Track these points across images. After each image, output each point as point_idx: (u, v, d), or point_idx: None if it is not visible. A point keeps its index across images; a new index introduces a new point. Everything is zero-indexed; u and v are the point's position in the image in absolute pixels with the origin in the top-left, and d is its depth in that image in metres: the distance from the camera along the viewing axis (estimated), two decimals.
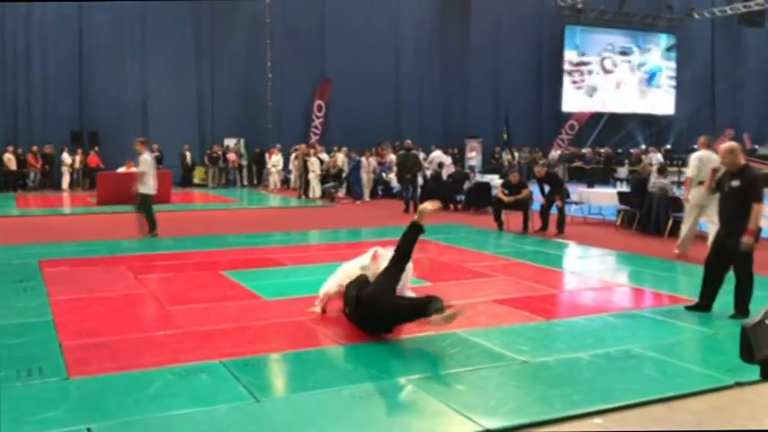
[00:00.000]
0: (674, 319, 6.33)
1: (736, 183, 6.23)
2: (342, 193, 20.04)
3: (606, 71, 32.59)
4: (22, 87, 22.88)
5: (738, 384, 4.57)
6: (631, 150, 28.66)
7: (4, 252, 9.91)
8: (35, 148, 22.10)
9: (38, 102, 23.06)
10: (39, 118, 23.05)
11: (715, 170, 6.70)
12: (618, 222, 13.37)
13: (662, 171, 13.26)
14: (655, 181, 12.61)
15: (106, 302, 6.84)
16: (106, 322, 6.11)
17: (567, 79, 31.69)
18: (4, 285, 7.63)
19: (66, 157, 22.42)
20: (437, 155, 20.20)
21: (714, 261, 6.46)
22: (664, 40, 33.78)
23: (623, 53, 32.88)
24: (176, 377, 4.69)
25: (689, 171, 10.11)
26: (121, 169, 18.95)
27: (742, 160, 6.32)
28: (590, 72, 32.25)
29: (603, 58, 32.50)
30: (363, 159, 19.65)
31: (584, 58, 32.09)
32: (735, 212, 6.21)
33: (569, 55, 31.69)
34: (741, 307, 6.25)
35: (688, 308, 6.57)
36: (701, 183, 9.20)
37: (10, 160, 21.82)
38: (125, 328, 5.93)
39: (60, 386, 4.53)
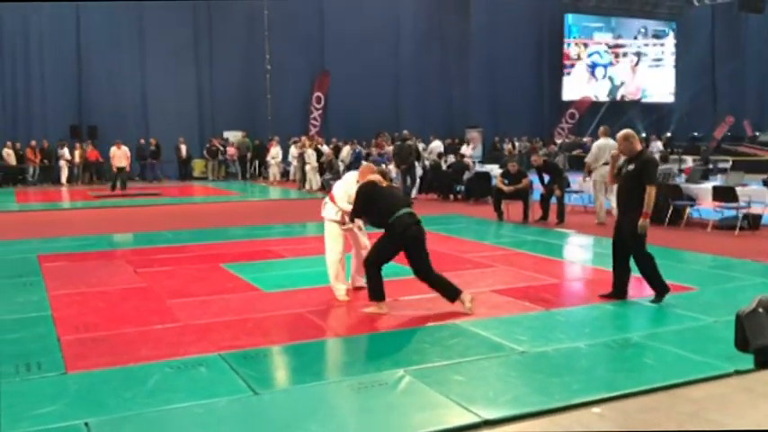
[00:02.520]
0: (673, 307, 6.32)
1: (630, 167, 6.42)
2: None
3: (606, 58, 32.47)
4: (20, 82, 22.85)
5: (738, 372, 4.55)
6: None
7: (3, 247, 9.91)
8: (33, 142, 22.07)
9: (37, 97, 23.04)
10: (38, 113, 23.04)
11: (615, 156, 6.84)
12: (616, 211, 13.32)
13: (665, 159, 13.18)
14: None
15: (105, 297, 6.84)
16: (105, 317, 6.10)
17: (567, 67, 31.57)
18: (3, 280, 7.64)
19: (64, 151, 22.38)
20: (436, 145, 20.15)
21: (617, 247, 6.57)
22: (663, 26, 33.63)
23: (623, 40, 32.73)
24: (175, 371, 4.69)
25: (588, 157, 12.55)
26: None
27: (638, 146, 6.47)
28: (590, 60, 32.13)
29: (603, 46, 32.38)
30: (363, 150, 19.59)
31: (584, 46, 31.96)
32: (629, 196, 6.36)
33: (569, 43, 31.56)
34: (654, 287, 6.39)
35: (602, 296, 6.63)
36: (605, 164, 10.90)
37: (9, 155, 21.81)
38: (124, 322, 5.92)
39: (58, 381, 4.53)
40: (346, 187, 6.56)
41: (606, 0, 30.92)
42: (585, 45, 31.98)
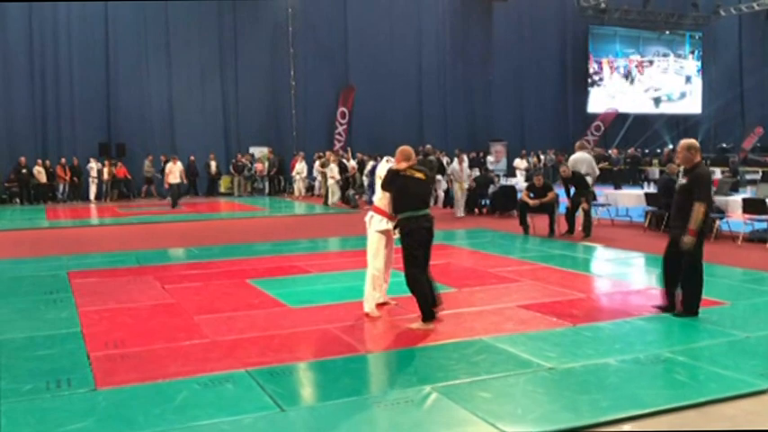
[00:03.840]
0: (704, 322, 6.22)
1: (684, 180, 6.36)
2: (366, 198, 20.04)
3: (631, 71, 32.24)
4: (50, 102, 23.27)
5: None
6: (659, 150, 28.36)
7: (34, 264, 10.06)
8: (63, 160, 22.45)
9: (66, 116, 23.43)
10: (67, 131, 23.43)
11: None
12: (646, 224, 13.20)
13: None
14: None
15: (133, 313, 6.91)
16: (133, 333, 6.16)
17: (592, 80, 31.41)
18: (35, 297, 7.75)
19: (93, 167, 22.71)
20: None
21: (668, 261, 6.48)
22: (689, 38, 33.34)
23: (648, 53, 32.49)
24: (202, 387, 4.71)
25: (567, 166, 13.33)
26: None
27: (697, 158, 6.35)
28: (615, 72, 31.93)
29: (628, 58, 32.16)
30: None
31: (609, 58, 31.79)
32: (681, 210, 6.26)
33: (594, 55, 31.40)
34: (688, 304, 6.30)
35: (656, 306, 6.56)
36: (585, 174, 12.48)
37: (40, 173, 22.20)
38: (152, 338, 5.97)
39: (88, 397, 4.57)
40: (379, 172, 6.68)
41: (630, 12, 30.73)
42: (609, 58, 31.76)
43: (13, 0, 22.14)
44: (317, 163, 22.83)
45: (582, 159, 12.99)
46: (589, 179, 12.82)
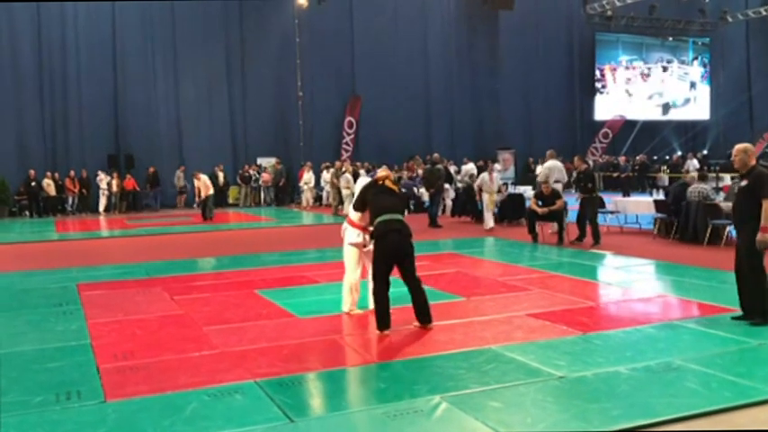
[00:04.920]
0: (716, 329, 6.17)
1: (743, 183, 6.34)
2: None
3: (638, 78, 32.19)
4: (59, 115, 23.39)
5: None
6: (667, 156, 28.28)
7: (43, 276, 10.10)
8: (72, 172, 22.55)
9: (75, 128, 23.54)
10: (76, 144, 23.53)
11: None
12: (655, 231, 13.14)
13: (703, 178, 12.96)
14: (695, 187, 12.29)
15: (143, 324, 6.92)
16: (143, 344, 6.17)
17: (598, 87, 31.38)
18: (44, 309, 7.77)
19: (102, 179, 22.81)
20: (469, 168, 20.10)
21: (740, 266, 6.38)
22: (696, 44, 33.29)
23: (651, 59, 32.45)
24: (212, 398, 4.71)
25: (540, 177, 13.97)
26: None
27: (752, 161, 6.38)
28: (622, 79, 31.90)
29: (635, 65, 32.14)
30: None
31: (616, 66, 31.76)
32: (743, 212, 6.26)
33: (600, 62, 31.39)
34: (754, 308, 6.21)
35: (734, 318, 6.44)
36: (556, 181, 13.18)
37: (49, 186, 22.30)
38: (161, 349, 5.98)
39: (98, 409, 4.57)
40: (358, 186, 7.00)
41: (636, 19, 30.71)
42: (616, 65, 31.75)
43: (22, 0, 22.24)
44: (325, 173, 22.90)
45: (554, 167, 13.72)
46: (559, 186, 13.35)
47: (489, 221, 15.09)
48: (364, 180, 6.97)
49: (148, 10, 24.27)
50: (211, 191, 19.51)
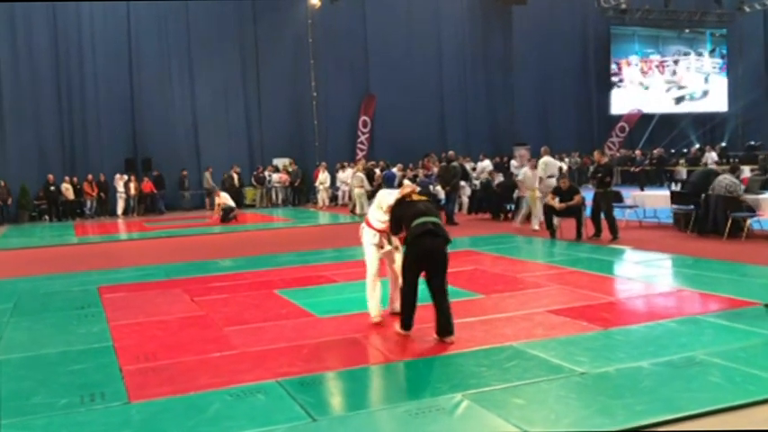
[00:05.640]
0: (738, 323, 6.11)
1: None
2: None
3: (654, 71, 31.93)
4: (76, 119, 23.60)
5: None
6: (685, 150, 28.02)
7: (65, 279, 10.20)
8: (90, 176, 22.75)
9: (93, 133, 23.73)
10: (94, 148, 23.72)
11: None
12: (674, 224, 13.00)
13: (734, 170, 12.76)
14: (723, 177, 12.05)
15: (163, 326, 6.97)
16: (164, 346, 6.21)
17: (614, 81, 31.17)
18: (67, 312, 7.85)
19: (118, 183, 22.98)
20: (485, 164, 20.03)
21: None
22: (713, 35, 32.95)
23: (668, 52, 32.17)
24: (234, 398, 4.73)
25: (539, 172, 14.28)
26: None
27: None
28: (638, 73, 31.65)
29: (651, 58, 31.87)
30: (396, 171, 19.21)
31: (632, 59, 31.52)
32: None
33: (616, 56, 31.17)
34: None
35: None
36: (550, 176, 14.12)
37: (68, 190, 22.51)
38: (183, 350, 6.02)
39: (122, 411, 4.62)
40: (380, 200, 6.60)
41: (652, 11, 30.44)
42: (632, 58, 31.50)
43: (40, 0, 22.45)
44: (340, 173, 22.97)
45: (551, 163, 14.69)
46: (553, 181, 13.85)
47: (535, 222, 13.94)
48: (387, 195, 6.57)
49: (163, 13, 24.43)
50: (230, 202, 19.55)
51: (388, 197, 6.50)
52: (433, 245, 5.89)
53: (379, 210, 6.56)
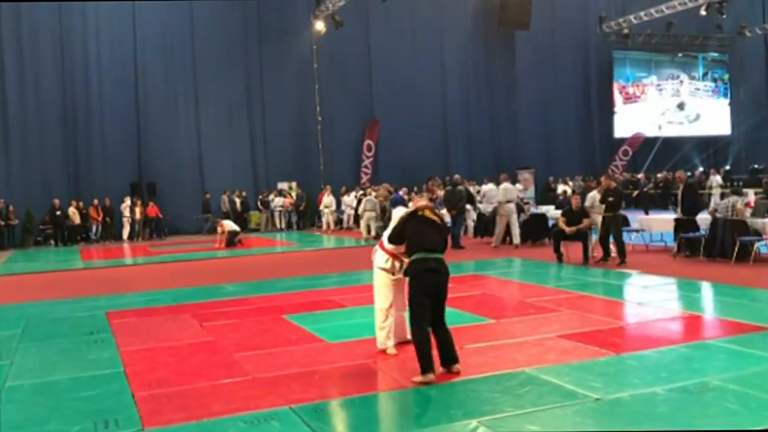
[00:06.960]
0: (751, 348, 6.10)
1: None
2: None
3: (656, 95, 32.10)
4: (82, 145, 23.71)
5: None
6: (689, 173, 28.04)
7: (73, 305, 10.19)
8: (96, 201, 22.82)
9: (98, 158, 23.85)
10: (99, 172, 23.82)
11: None
12: (675, 249, 12.91)
13: (737, 193, 12.84)
14: (728, 200, 12.06)
15: (174, 351, 6.96)
16: (175, 371, 6.20)
17: (617, 105, 31.31)
18: (76, 338, 7.84)
19: (124, 208, 23.03)
20: (489, 188, 20.05)
21: None
22: (715, 60, 33.15)
23: (673, 76, 32.37)
24: (248, 425, 4.71)
25: (498, 196, 15.78)
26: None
27: None
28: (640, 96, 31.81)
29: (653, 82, 32.06)
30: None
31: (634, 83, 31.70)
32: None
33: (618, 80, 31.35)
34: None
35: None
36: (508, 201, 15.27)
37: (74, 214, 22.57)
38: (194, 376, 6.00)
39: None
40: (395, 218, 6.50)
41: (654, 36, 30.69)
42: (634, 82, 31.67)
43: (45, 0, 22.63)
44: (346, 197, 23.06)
45: (511, 189, 15.71)
46: (512, 205, 15.25)
47: (497, 240, 15.63)
48: (403, 212, 6.47)
49: (169, 39, 24.69)
50: (234, 227, 19.57)
51: (403, 215, 6.42)
52: (436, 281, 5.76)
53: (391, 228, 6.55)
